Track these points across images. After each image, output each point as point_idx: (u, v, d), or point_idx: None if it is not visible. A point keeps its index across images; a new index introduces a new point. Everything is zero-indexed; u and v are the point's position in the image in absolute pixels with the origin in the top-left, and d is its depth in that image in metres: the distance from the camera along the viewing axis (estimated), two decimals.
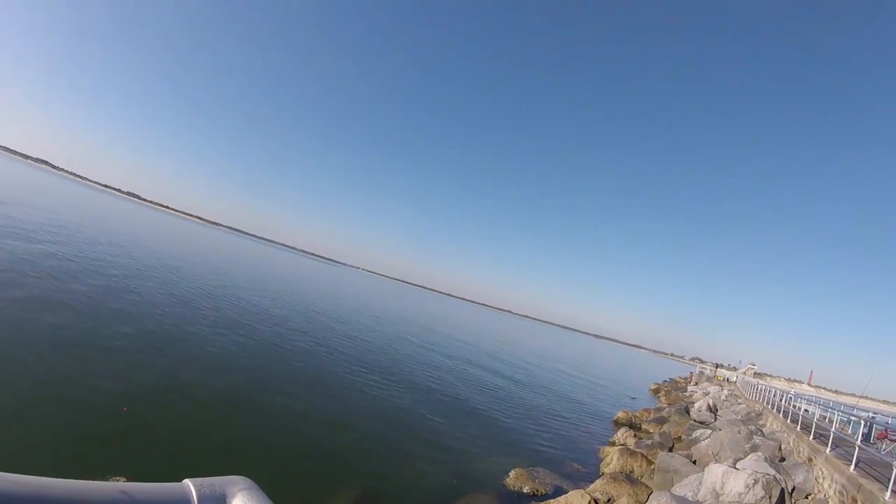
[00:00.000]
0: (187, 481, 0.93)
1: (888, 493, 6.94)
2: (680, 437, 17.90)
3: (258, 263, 66.52)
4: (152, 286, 20.34)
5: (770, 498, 8.20)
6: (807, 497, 9.43)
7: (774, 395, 22.54)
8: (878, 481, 7.96)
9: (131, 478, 5.98)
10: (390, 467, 9.97)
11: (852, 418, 16.15)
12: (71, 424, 7.70)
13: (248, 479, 1.05)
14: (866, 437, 12.07)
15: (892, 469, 6.92)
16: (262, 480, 1.04)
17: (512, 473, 10.88)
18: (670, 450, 15.17)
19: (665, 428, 19.28)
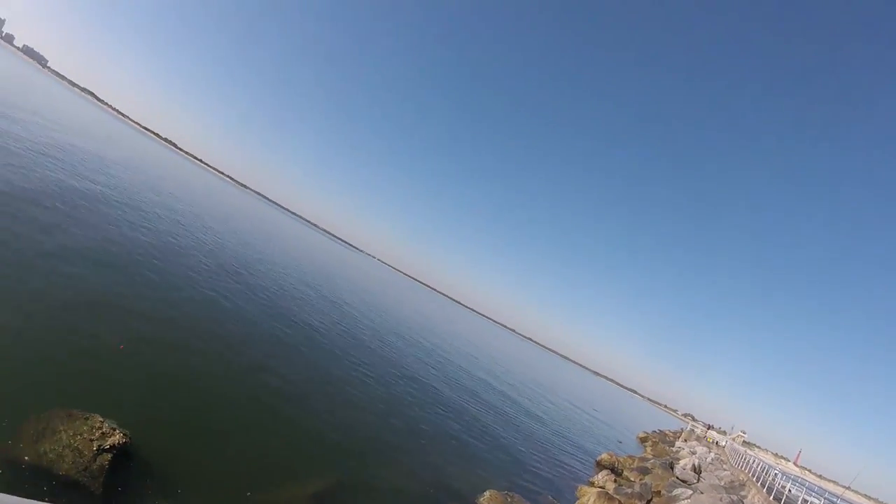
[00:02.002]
0: None
1: None
2: (660, 492, 17.62)
3: (290, 241, 67.46)
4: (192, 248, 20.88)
5: None
6: None
7: (760, 468, 22.07)
8: None
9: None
10: (369, 464, 10.08)
11: None
12: (63, 352, 7.83)
13: None
14: None
15: None
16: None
17: (487, 494, 10.92)
18: (648, 503, 15.00)
19: (647, 479, 18.99)
